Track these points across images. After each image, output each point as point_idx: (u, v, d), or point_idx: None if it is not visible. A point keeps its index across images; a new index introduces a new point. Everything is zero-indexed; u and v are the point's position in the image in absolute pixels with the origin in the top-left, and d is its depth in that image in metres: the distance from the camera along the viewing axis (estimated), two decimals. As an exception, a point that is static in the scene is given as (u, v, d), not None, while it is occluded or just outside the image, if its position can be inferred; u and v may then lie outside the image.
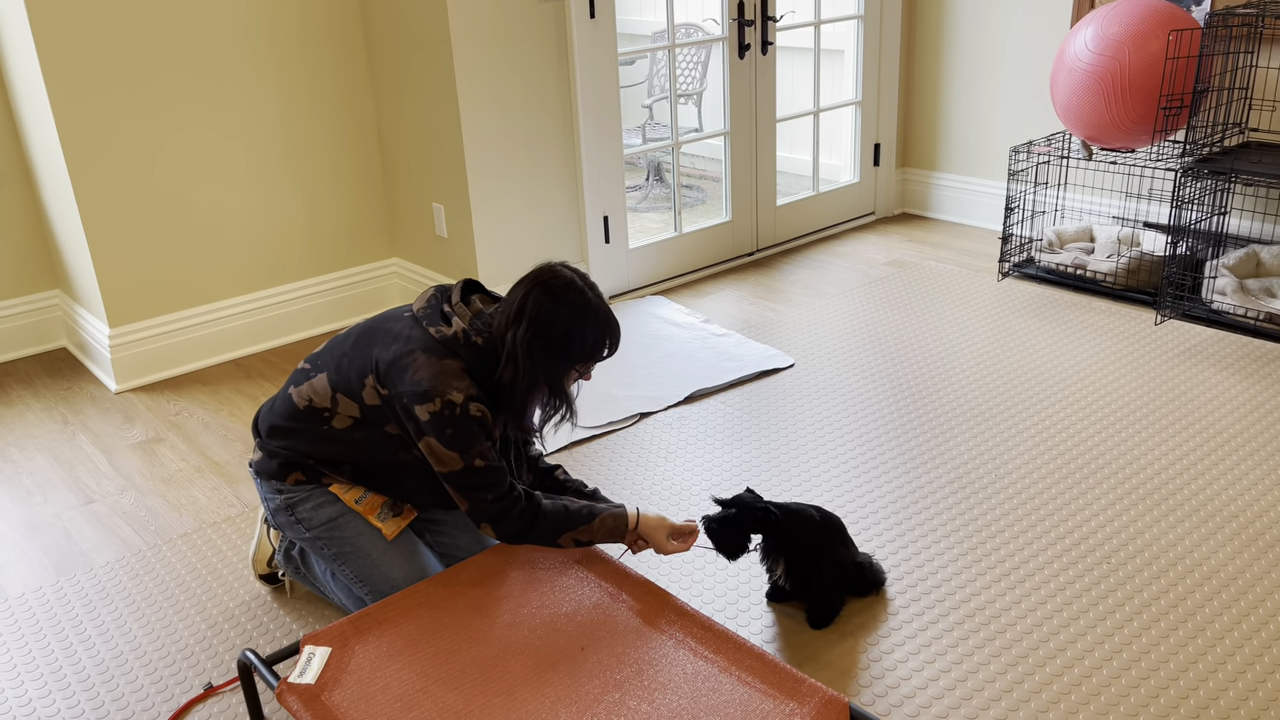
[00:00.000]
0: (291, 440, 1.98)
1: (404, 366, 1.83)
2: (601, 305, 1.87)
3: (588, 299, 1.85)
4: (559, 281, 1.84)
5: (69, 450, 2.91)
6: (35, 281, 3.54)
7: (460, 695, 1.70)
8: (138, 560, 2.38)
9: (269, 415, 2.03)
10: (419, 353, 1.84)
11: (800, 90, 5.11)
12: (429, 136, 3.44)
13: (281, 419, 1.99)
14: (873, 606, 2.11)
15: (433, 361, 1.83)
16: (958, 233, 4.35)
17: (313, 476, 1.99)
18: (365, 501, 2.00)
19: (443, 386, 1.81)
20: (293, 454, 1.98)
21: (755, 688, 1.68)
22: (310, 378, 1.96)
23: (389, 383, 1.85)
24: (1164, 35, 3.21)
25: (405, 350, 1.85)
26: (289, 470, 1.99)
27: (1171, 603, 2.07)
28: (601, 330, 1.86)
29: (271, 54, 3.35)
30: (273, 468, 2.00)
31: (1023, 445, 2.68)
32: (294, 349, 3.55)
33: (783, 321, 3.54)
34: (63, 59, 2.97)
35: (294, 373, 2.02)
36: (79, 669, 2.03)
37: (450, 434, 1.81)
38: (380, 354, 1.88)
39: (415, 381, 1.81)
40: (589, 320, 1.84)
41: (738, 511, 1.98)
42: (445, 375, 1.82)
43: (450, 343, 1.85)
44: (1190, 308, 3.36)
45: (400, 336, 1.88)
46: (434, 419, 1.81)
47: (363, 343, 1.93)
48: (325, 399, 1.93)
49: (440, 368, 1.82)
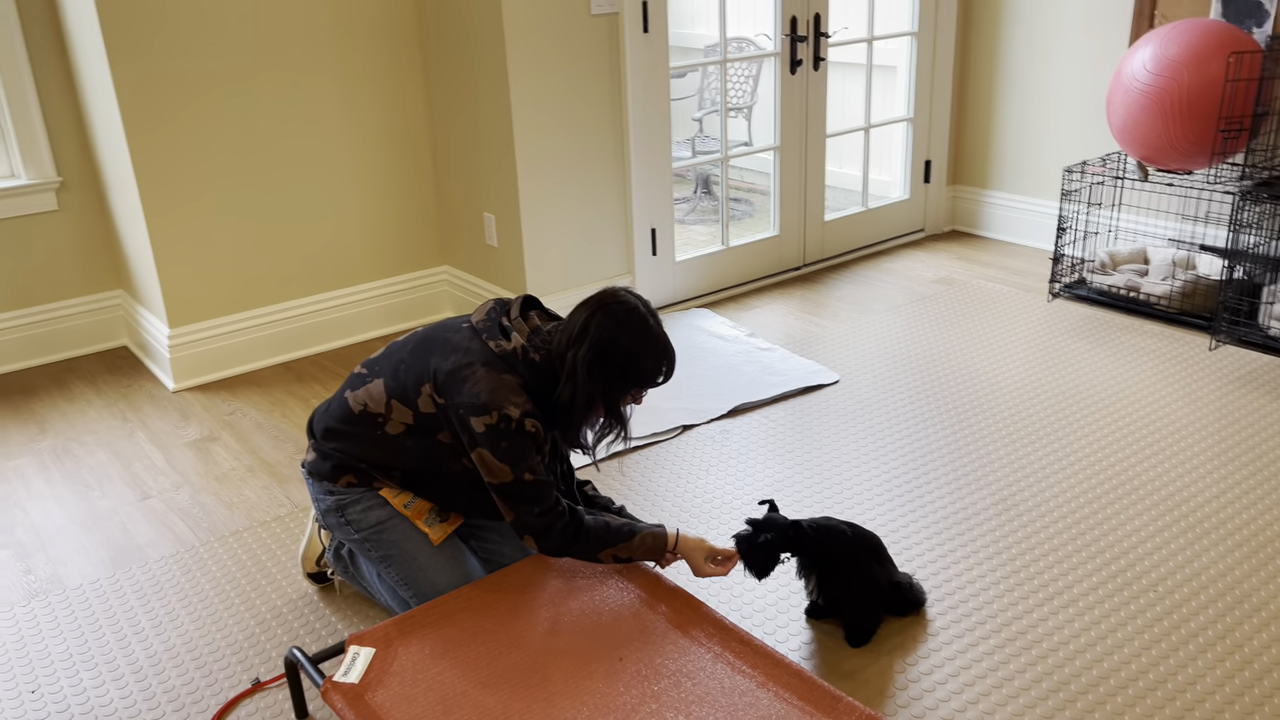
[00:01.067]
0: (345, 443, 2.03)
1: (463, 378, 1.87)
2: (661, 333, 1.91)
3: (649, 325, 1.89)
4: (623, 308, 1.88)
5: (127, 446, 2.99)
6: (100, 281, 3.65)
7: (499, 700, 1.73)
8: (190, 556, 2.44)
9: (324, 417, 2.08)
10: (478, 365, 1.87)
11: (852, 106, 5.10)
12: (481, 147, 3.49)
13: (336, 422, 2.04)
14: (912, 626, 2.10)
15: (492, 375, 1.86)
16: (1008, 252, 4.31)
17: (364, 480, 2.04)
18: (414, 506, 2.04)
19: (501, 400, 1.84)
20: (346, 457, 2.03)
21: (792, 704, 1.69)
22: (366, 383, 2.01)
23: (446, 393, 1.89)
24: (1223, 57, 3.17)
25: (465, 362, 1.88)
26: (341, 472, 2.03)
27: (1219, 634, 2.04)
28: (660, 357, 1.91)
29: (333, 64, 3.43)
30: (326, 469, 2.04)
31: (1069, 469, 2.65)
32: (345, 353, 3.62)
33: (828, 337, 3.54)
34: (132, 66, 3.07)
35: (350, 377, 2.07)
36: (132, 660, 2.10)
37: (505, 447, 1.85)
38: (439, 364, 1.91)
39: (474, 394, 1.85)
40: (649, 347, 1.89)
41: (765, 530, 1.99)
42: (503, 390, 1.85)
43: (509, 358, 1.89)
44: (1246, 333, 3.30)
45: (460, 348, 1.91)
46: (489, 431, 1.84)
47: (421, 351, 1.96)
48: (380, 404, 1.97)
49: (499, 382, 1.86)
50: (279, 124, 3.38)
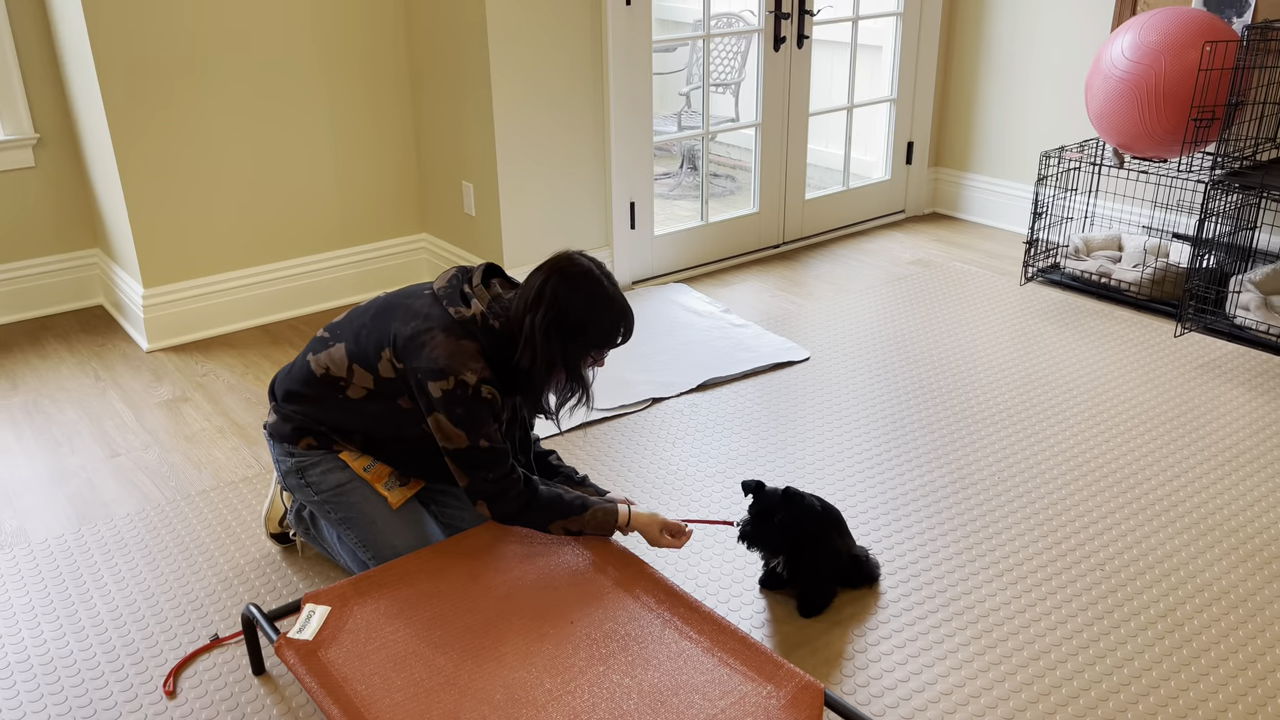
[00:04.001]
0: (306, 406, 2.05)
1: (422, 343, 1.89)
2: (616, 293, 1.93)
3: (603, 287, 1.91)
4: (576, 270, 1.90)
5: (99, 405, 3.01)
6: (76, 240, 3.65)
7: (450, 659, 1.76)
8: (156, 514, 2.47)
9: (286, 380, 2.10)
10: (437, 331, 1.90)
11: (836, 85, 5.10)
12: (461, 115, 3.49)
13: (298, 385, 2.06)
14: (865, 599, 2.14)
15: (450, 341, 1.88)
16: (987, 235, 4.34)
17: (324, 442, 2.06)
18: (373, 470, 2.07)
19: (458, 366, 1.87)
20: (306, 419, 2.05)
21: (735, 669, 1.73)
22: (328, 346, 2.03)
23: (405, 357, 1.91)
24: (1202, 46, 3.18)
25: (424, 327, 1.91)
26: (302, 435, 2.06)
27: (1160, 613, 2.08)
28: (616, 318, 1.92)
29: (316, 28, 3.42)
30: (286, 431, 2.07)
31: (1030, 449, 2.69)
32: (321, 318, 3.63)
33: (803, 315, 3.56)
34: (110, 24, 3.05)
35: (312, 340, 2.09)
36: (94, 614, 2.12)
37: (460, 413, 1.87)
38: (399, 329, 1.93)
39: (432, 359, 1.87)
40: (604, 307, 1.91)
41: (774, 509, 2.02)
42: (461, 355, 1.88)
43: (468, 324, 1.91)
44: (1213, 321, 3.34)
45: (420, 314, 1.94)
46: (446, 396, 1.87)
47: (382, 316, 1.99)
48: (342, 369, 1.99)
49: (457, 347, 1.88)
50: (259, 86, 3.37)
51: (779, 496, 2.04)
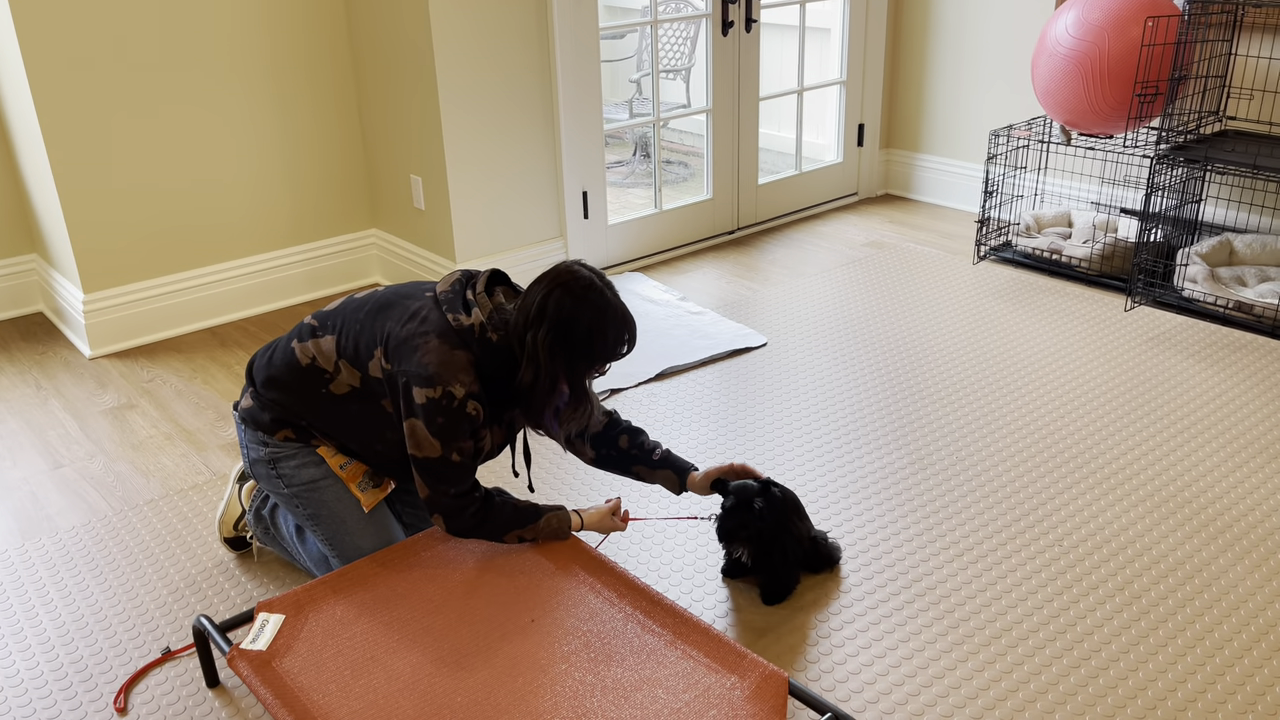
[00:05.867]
0: (287, 396, 1.97)
1: (414, 346, 1.83)
2: (620, 304, 1.85)
3: (608, 298, 1.83)
4: (579, 283, 1.82)
5: (40, 415, 2.92)
6: (12, 245, 3.54)
7: (410, 664, 1.73)
8: (103, 525, 2.40)
9: (267, 366, 2.01)
10: (432, 336, 1.83)
11: (785, 68, 5.10)
12: (407, 107, 3.43)
13: (280, 372, 1.97)
14: (826, 584, 2.14)
15: (444, 349, 1.82)
16: (939, 215, 4.36)
17: (303, 436, 1.99)
18: (349, 469, 2.01)
19: (448, 377, 1.80)
20: (286, 412, 1.97)
21: (699, 661, 1.71)
22: (317, 336, 1.95)
23: (395, 358, 1.85)
24: (1144, 21, 3.21)
25: (420, 331, 1.84)
26: (280, 426, 1.98)
27: (1119, 585, 2.10)
28: (621, 328, 1.85)
29: (251, 22, 3.33)
30: (264, 420, 1.99)
31: (987, 428, 2.70)
32: (271, 318, 3.55)
33: (759, 300, 3.56)
34: (40, 24, 2.96)
35: (299, 326, 2.00)
36: (39, 632, 2.06)
37: (441, 423, 1.81)
38: (393, 328, 1.87)
39: (422, 365, 1.81)
40: (610, 320, 1.83)
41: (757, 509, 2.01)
42: (453, 366, 1.81)
43: (465, 334, 1.84)
44: (1161, 294, 3.38)
45: (417, 316, 1.87)
46: (430, 404, 1.80)
47: (378, 315, 1.91)
48: (329, 362, 1.92)
49: (450, 357, 1.81)
50: (199, 84, 3.29)
51: (757, 486, 2.02)
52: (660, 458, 2.11)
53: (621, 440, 2.10)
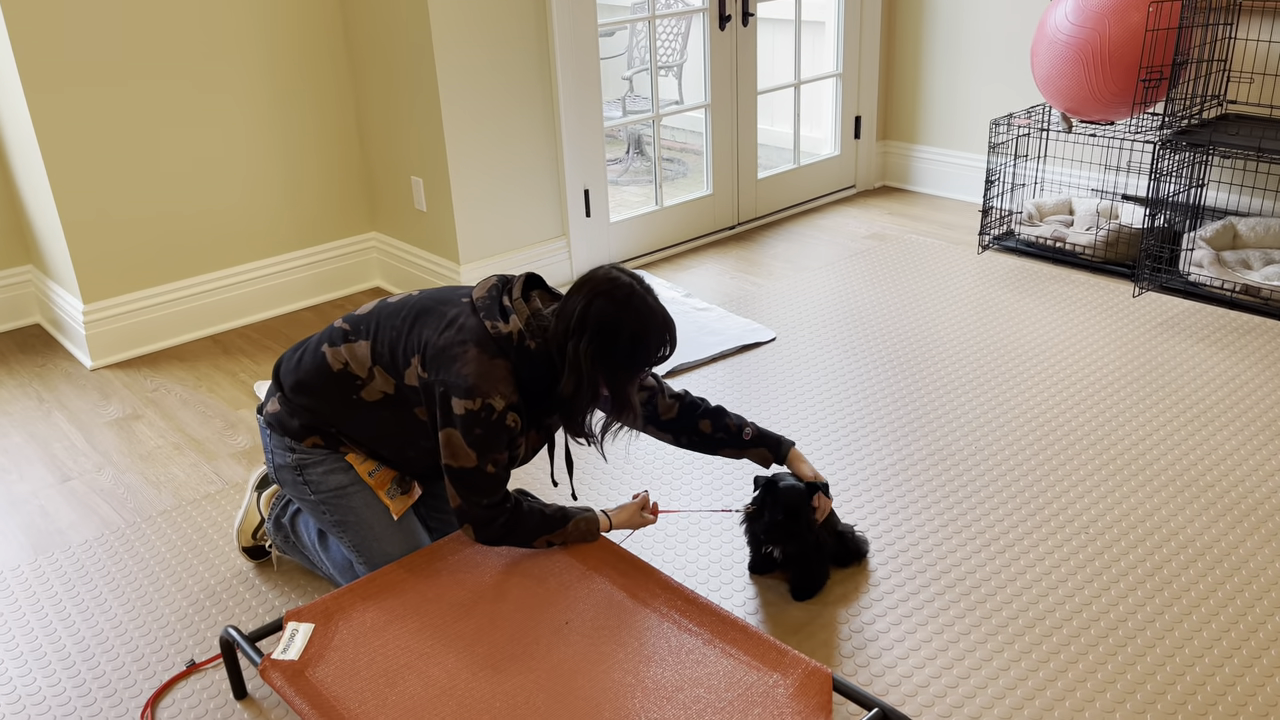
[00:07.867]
0: (317, 402, 1.93)
1: (453, 356, 1.79)
2: (661, 308, 1.82)
3: (650, 305, 1.80)
4: (621, 290, 1.78)
5: (44, 427, 2.87)
6: (7, 257, 3.49)
7: (445, 669, 1.70)
8: (116, 538, 2.36)
9: (295, 369, 1.97)
10: (471, 345, 1.79)
11: (781, 62, 5.09)
12: (407, 108, 3.39)
13: (310, 376, 1.93)
14: (854, 577, 2.12)
15: (483, 358, 1.78)
16: (938, 206, 4.35)
17: (331, 443, 1.96)
18: (378, 475, 1.97)
19: (488, 388, 1.77)
20: (315, 418, 1.93)
21: (740, 660, 1.70)
22: (350, 340, 1.91)
23: (433, 367, 1.81)
24: (1145, 7, 3.21)
25: (458, 339, 1.80)
26: (309, 433, 1.94)
27: (1148, 571, 2.10)
28: (662, 331, 1.81)
29: (247, 27, 3.29)
30: (293, 426, 1.95)
31: (1002, 417, 2.69)
32: (273, 324, 3.51)
33: (764, 295, 3.54)
34: (34, 32, 2.91)
35: (329, 330, 1.96)
36: (59, 648, 2.02)
37: (479, 434, 1.78)
38: (430, 337, 1.83)
39: (462, 375, 1.77)
40: (653, 326, 1.79)
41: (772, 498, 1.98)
42: (492, 377, 1.77)
43: (503, 341, 1.80)
44: (1168, 280, 3.39)
45: (454, 324, 1.83)
46: (469, 415, 1.77)
47: (416, 322, 1.87)
48: (363, 369, 1.88)
49: (490, 367, 1.78)
50: (195, 89, 3.24)
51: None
52: (751, 437, 2.08)
53: (703, 425, 2.06)
